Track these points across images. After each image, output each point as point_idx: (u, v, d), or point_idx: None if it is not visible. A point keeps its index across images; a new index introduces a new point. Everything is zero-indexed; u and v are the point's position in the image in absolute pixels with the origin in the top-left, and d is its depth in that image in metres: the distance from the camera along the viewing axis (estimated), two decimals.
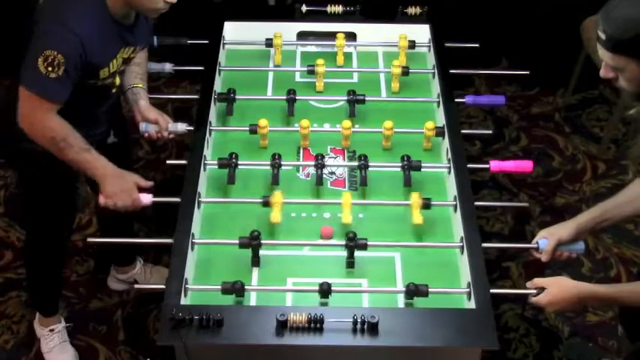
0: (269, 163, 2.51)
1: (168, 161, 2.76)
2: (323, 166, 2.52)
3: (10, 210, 3.55)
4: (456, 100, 2.76)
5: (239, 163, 2.51)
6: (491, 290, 2.14)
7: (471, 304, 2.13)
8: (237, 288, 2.13)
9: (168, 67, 2.90)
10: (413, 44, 2.95)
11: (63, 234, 2.80)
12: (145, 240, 3.00)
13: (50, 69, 2.23)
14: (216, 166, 2.52)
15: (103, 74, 2.38)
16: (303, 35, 3.10)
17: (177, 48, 2.93)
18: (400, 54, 2.95)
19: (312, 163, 2.54)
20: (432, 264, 2.31)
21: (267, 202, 2.38)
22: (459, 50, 2.96)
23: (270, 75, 2.96)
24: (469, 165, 2.52)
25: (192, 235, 2.28)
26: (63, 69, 2.24)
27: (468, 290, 2.17)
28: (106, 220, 3.00)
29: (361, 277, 2.27)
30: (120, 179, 2.41)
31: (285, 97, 2.76)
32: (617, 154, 3.84)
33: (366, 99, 2.76)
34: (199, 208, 2.39)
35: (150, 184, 2.47)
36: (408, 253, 2.33)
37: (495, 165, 2.57)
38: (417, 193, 2.40)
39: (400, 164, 2.52)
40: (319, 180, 2.51)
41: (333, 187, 2.55)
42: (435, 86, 2.84)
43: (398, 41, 2.95)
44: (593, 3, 2.00)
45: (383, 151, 2.65)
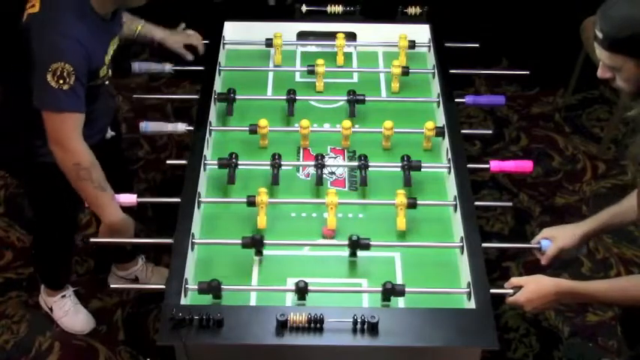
0: (269, 163, 2.51)
1: (168, 161, 2.76)
2: (323, 166, 2.52)
3: (10, 210, 3.55)
4: (456, 100, 2.76)
5: (239, 163, 2.51)
6: (491, 290, 2.14)
7: (471, 304, 2.13)
8: (214, 287, 2.13)
9: (168, 67, 2.91)
10: (413, 44, 2.95)
11: (70, 222, 2.84)
12: (145, 240, 3.00)
13: (61, 81, 2.23)
14: (216, 166, 2.52)
15: (102, 73, 2.40)
16: (303, 35, 3.10)
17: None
18: (400, 54, 2.95)
19: (312, 163, 2.54)
20: (432, 264, 2.31)
21: (252, 201, 2.37)
22: (458, 50, 2.96)
23: (270, 75, 2.96)
24: (469, 165, 2.52)
25: (192, 235, 2.28)
26: (74, 77, 2.24)
27: (468, 290, 2.17)
28: None
29: (361, 277, 2.27)
30: (122, 227, 2.44)
31: (285, 97, 2.76)
32: (617, 154, 3.84)
33: (366, 99, 2.76)
34: (199, 208, 2.39)
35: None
36: (408, 253, 2.33)
37: (495, 165, 2.57)
38: (402, 192, 2.39)
39: (400, 164, 2.52)
40: (319, 180, 2.51)
41: (333, 187, 2.54)
42: (435, 86, 2.84)
43: (398, 41, 2.95)
44: (593, 3, 2.00)
45: (383, 151, 2.65)
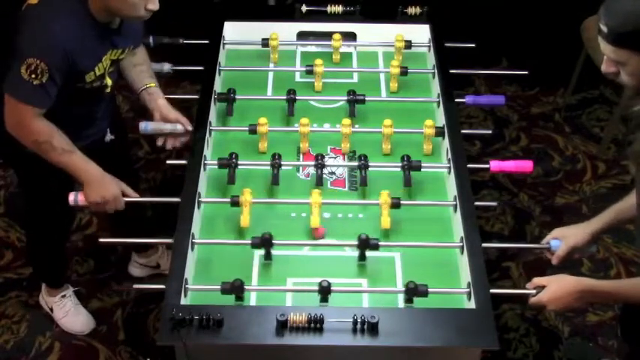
0: (269, 163, 2.51)
1: (168, 161, 2.75)
2: (323, 166, 2.52)
3: (10, 210, 3.55)
4: (456, 100, 2.76)
5: (239, 163, 2.51)
6: (491, 290, 2.14)
7: (471, 304, 2.13)
8: (237, 286, 2.13)
9: (167, 67, 2.90)
10: (409, 44, 2.95)
11: (64, 212, 2.81)
12: (145, 240, 3.00)
13: (34, 76, 2.25)
14: (216, 166, 2.52)
15: (88, 78, 2.39)
16: (303, 35, 3.10)
17: (176, 48, 2.93)
18: (396, 54, 2.95)
19: (312, 163, 2.54)
20: (432, 264, 2.31)
21: (235, 201, 2.37)
22: (458, 50, 2.96)
23: (270, 75, 2.96)
24: (469, 165, 2.52)
25: (192, 235, 2.28)
26: (47, 76, 2.26)
27: (468, 290, 2.17)
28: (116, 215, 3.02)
29: (361, 277, 2.27)
30: (102, 186, 2.42)
31: (285, 97, 2.76)
32: (617, 154, 3.84)
33: (366, 99, 2.76)
34: (199, 208, 2.39)
35: (134, 194, 2.49)
36: (408, 253, 2.33)
37: (495, 165, 2.57)
38: (386, 191, 2.39)
39: (400, 164, 2.52)
40: (319, 180, 2.51)
41: (333, 187, 2.54)
42: (435, 86, 2.84)
43: (394, 42, 2.95)
44: (593, 3, 2.00)
45: (383, 153, 2.64)
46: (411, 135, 2.65)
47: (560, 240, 2.29)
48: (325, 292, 2.13)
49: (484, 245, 2.27)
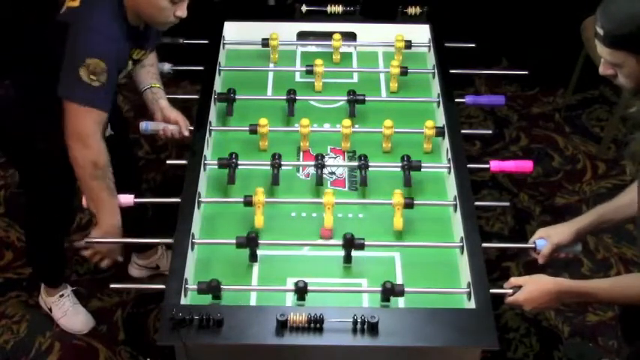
0: (269, 163, 2.51)
1: (168, 161, 2.76)
2: (323, 166, 2.52)
3: (10, 210, 3.55)
4: (456, 100, 2.76)
5: (239, 163, 2.51)
6: (491, 290, 2.14)
7: (471, 304, 2.13)
8: (213, 287, 2.12)
9: (167, 67, 2.90)
10: (409, 44, 2.95)
11: (65, 204, 2.83)
12: (145, 240, 3.00)
13: (94, 77, 2.24)
14: (216, 166, 2.52)
15: (121, 76, 2.42)
16: (303, 35, 3.10)
17: (177, 48, 2.94)
18: (396, 54, 2.95)
19: (312, 163, 2.54)
20: (432, 264, 2.31)
21: (249, 201, 2.37)
22: (458, 50, 2.96)
23: (270, 75, 2.96)
24: (469, 165, 2.52)
25: (192, 235, 2.28)
26: (106, 76, 2.26)
27: (468, 290, 2.17)
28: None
29: (361, 277, 2.27)
30: (111, 237, 2.42)
31: (285, 97, 2.76)
32: (617, 154, 3.84)
33: (366, 99, 2.76)
34: (199, 208, 2.39)
35: (120, 259, 2.52)
36: (408, 253, 2.33)
37: (495, 165, 2.57)
38: (399, 191, 2.39)
39: (400, 164, 2.52)
40: (319, 180, 2.51)
41: (333, 187, 2.55)
42: (435, 86, 2.84)
43: (394, 42, 2.95)
44: (593, 3, 2.00)
45: (383, 152, 2.65)
46: (411, 135, 2.65)
47: (546, 239, 2.29)
48: (302, 292, 2.12)
49: (484, 245, 2.27)
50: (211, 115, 2.69)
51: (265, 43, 2.97)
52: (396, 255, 2.33)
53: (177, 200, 2.37)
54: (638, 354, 2.44)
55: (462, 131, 2.65)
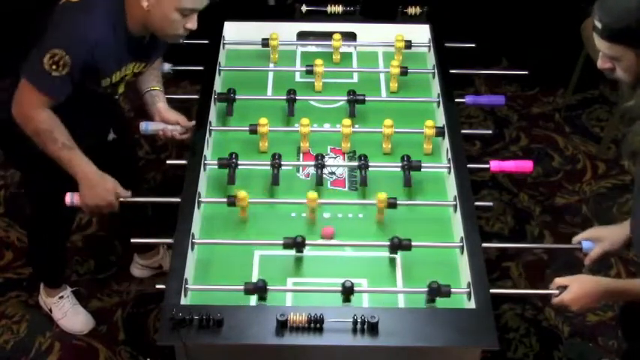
0: (269, 163, 2.51)
1: (168, 161, 2.76)
2: (323, 166, 2.52)
3: (10, 210, 3.55)
4: (456, 100, 2.76)
5: (239, 163, 2.51)
6: (491, 290, 2.14)
7: (471, 304, 2.13)
8: (260, 287, 2.13)
9: (167, 67, 2.90)
10: (409, 44, 2.95)
11: (65, 214, 2.83)
12: (145, 240, 3.00)
13: (54, 67, 2.26)
14: (216, 166, 2.52)
15: (104, 83, 2.41)
16: (303, 35, 3.10)
17: (176, 48, 2.92)
18: (396, 54, 2.95)
19: (312, 163, 2.54)
20: (432, 264, 2.31)
21: (232, 202, 2.37)
22: (458, 50, 2.96)
23: (270, 75, 2.96)
24: (469, 165, 2.52)
25: (192, 235, 2.28)
26: (67, 70, 2.27)
27: (468, 290, 2.17)
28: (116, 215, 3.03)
29: (361, 277, 2.27)
30: (97, 186, 2.41)
31: (285, 97, 2.76)
32: (617, 154, 3.84)
33: (366, 99, 2.76)
34: (199, 208, 2.39)
35: (127, 194, 2.47)
36: (408, 253, 2.32)
37: (495, 165, 2.57)
38: (384, 193, 2.38)
39: (400, 164, 2.52)
40: (319, 180, 2.51)
41: (333, 187, 2.55)
42: (435, 86, 2.84)
43: (394, 42, 2.95)
44: (593, 3, 2.00)
45: (383, 152, 2.65)
46: (411, 135, 2.65)
47: (594, 242, 2.27)
48: (348, 292, 2.13)
49: (484, 245, 2.27)
50: (211, 115, 2.69)
51: (265, 43, 2.97)
52: (396, 255, 2.32)
53: (177, 200, 2.37)
54: (636, 351, 2.44)
55: (462, 131, 2.65)
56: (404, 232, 2.37)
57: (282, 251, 2.32)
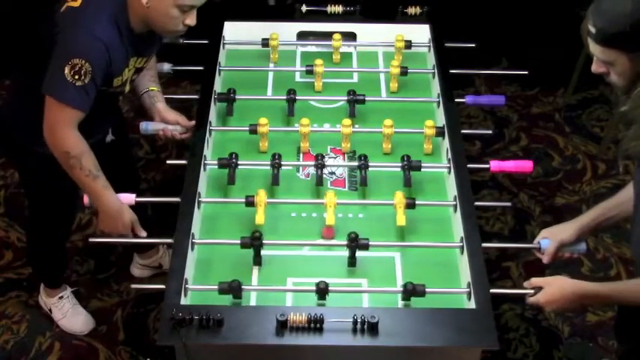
0: (269, 163, 2.51)
1: (168, 161, 2.76)
2: (323, 166, 2.52)
3: (10, 210, 3.55)
4: (456, 100, 2.76)
5: (239, 163, 2.51)
6: (491, 290, 2.14)
7: (471, 304, 2.13)
8: (234, 287, 2.13)
9: (166, 67, 2.91)
10: (409, 44, 2.95)
11: (66, 214, 2.84)
12: (145, 240, 3.00)
13: (77, 77, 2.24)
14: (216, 166, 2.52)
15: (116, 82, 2.40)
16: (303, 35, 3.10)
17: (176, 48, 2.94)
18: (396, 54, 2.95)
19: (312, 163, 2.54)
20: (432, 264, 2.31)
21: (251, 201, 2.37)
22: (459, 50, 2.96)
23: (270, 75, 2.96)
24: (469, 165, 2.52)
25: (192, 235, 2.28)
26: (90, 77, 2.26)
27: (468, 290, 2.17)
28: None
29: (361, 277, 2.27)
30: (115, 219, 2.43)
31: (285, 97, 2.76)
32: (617, 154, 3.84)
33: (366, 99, 2.76)
34: (199, 208, 2.39)
35: (143, 234, 2.49)
36: (408, 253, 2.33)
37: (495, 165, 2.57)
38: (401, 192, 2.39)
39: (400, 164, 2.52)
40: (319, 180, 2.51)
41: (333, 187, 2.54)
42: (435, 86, 2.84)
43: (394, 42, 2.95)
44: (588, 8, 2.00)
45: (383, 152, 2.65)
46: (411, 135, 2.65)
47: (549, 239, 2.29)
48: (322, 292, 2.13)
49: (484, 245, 2.28)
50: (211, 115, 2.69)
51: (265, 43, 2.97)
52: (396, 255, 2.33)
53: (177, 200, 2.38)
54: (632, 353, 2.44)
55: (462, 131, 2.65)
56: (404, 232, 2.38)
57: (282, 251, 2.32)
